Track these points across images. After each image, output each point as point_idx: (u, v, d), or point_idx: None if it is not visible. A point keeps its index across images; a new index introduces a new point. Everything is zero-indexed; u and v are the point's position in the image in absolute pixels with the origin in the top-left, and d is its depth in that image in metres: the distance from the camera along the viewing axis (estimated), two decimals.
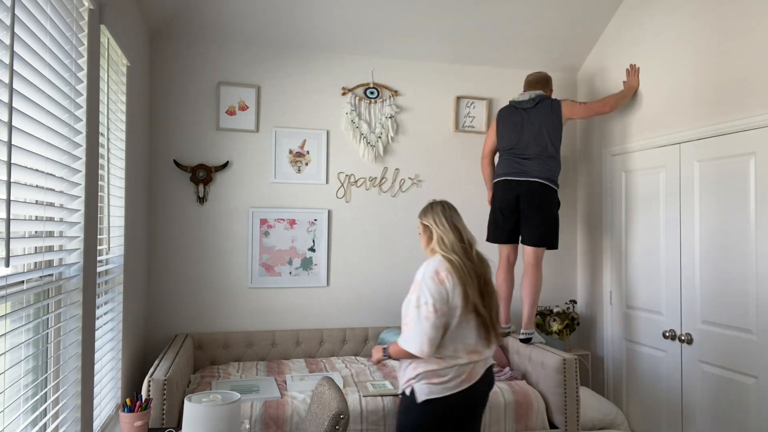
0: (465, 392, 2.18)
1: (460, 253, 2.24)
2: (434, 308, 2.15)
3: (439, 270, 2.21)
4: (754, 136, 2.83)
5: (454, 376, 2.17)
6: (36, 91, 1.56)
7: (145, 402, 2.16)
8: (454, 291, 2.18)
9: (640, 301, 3.60)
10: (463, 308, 2.18)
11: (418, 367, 2.20)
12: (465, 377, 2.18)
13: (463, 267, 2.21)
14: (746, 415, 2.85)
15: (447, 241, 2.28)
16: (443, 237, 2.29)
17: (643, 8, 3.58)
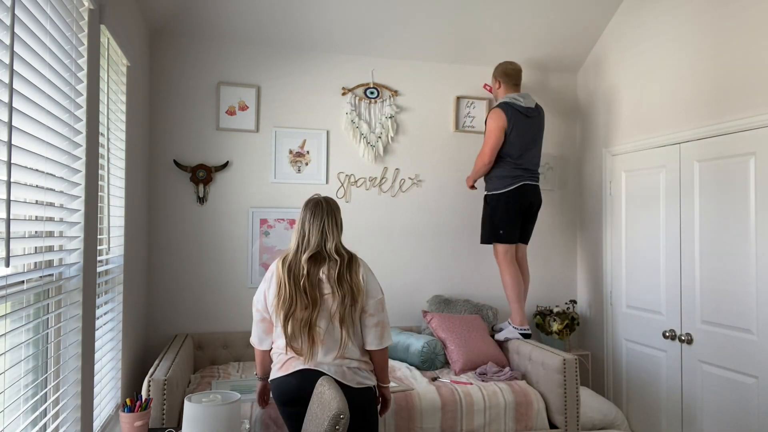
0: (282, 379, 2.29)
1: (287, 259, 2.33)
2: (253, 304, 2.43)
3: (270, 270, 2.41)
4: (754, 136, 2.83)
5: (276, 362, 2.35)
6: (36, 91, 1.56)
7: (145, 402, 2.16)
8: (269, 291, 2.36)
9: (640, 301, 3.60)
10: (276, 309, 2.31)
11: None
12: (281, 366, 2.31)
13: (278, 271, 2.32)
14: (746, 415, 2.85)
15: (289, 246, 2.42)
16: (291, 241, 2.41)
17: (643, 8, 3.58)
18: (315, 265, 2.30)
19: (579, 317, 3.98)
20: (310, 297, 2.25)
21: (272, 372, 2.37)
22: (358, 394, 2.26)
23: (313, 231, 2.33)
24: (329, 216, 2.36)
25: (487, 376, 3.22)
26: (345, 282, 2.27)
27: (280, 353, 2.33)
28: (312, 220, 2.34)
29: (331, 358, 2.26)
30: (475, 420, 2.91)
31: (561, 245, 4.22)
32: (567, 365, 2.96)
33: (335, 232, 2.35)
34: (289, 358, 2.30)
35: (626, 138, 3.74)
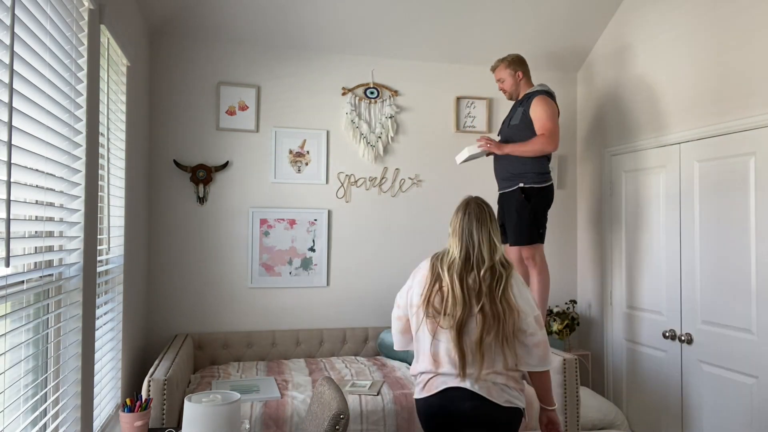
0: (423, 401, 2.13)
1: (453, 269, 2.11)
2: (396, 303, 2.29)
3: (419, 268, 2.24)
4: (754, 136, 2.83)
5: (419, 381, 2.17)
6: (36, 91, 1.56)
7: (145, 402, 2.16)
8: (413, 289, 2.18)
9: (640, 301, 3.60)
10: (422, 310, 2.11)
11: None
12: (423, 386, 2.12)
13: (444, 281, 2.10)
14: (746, 415, 2.85)
15: (449, 254, 2.17)
16: (448, 248, 2.19)
17: (643, 8, 3.58)
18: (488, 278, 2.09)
19: (579, 317, 3.98)
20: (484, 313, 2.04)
21: (416, 391, 2.18)
22: (505, 412, 2.06)
23: (483, 242, 2.12)
24: (493, 222, 2.18)
25: None
26: (506, 301, 2.06)
27: (424, 372, 2.13)
28: (480, 228, 2.14)
29: (479, 377, 2.05)
30: None
31: (561, 245, 4.22)
32: (567, 365, 2.96)
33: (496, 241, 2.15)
34: (431, 377, 2.10)
35: (626, 138, 3.74)
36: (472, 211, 2.17)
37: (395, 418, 2.82)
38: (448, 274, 2.09)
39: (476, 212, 2.17)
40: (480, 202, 2.23)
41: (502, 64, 3.45)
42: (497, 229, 2.19)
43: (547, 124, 3.19)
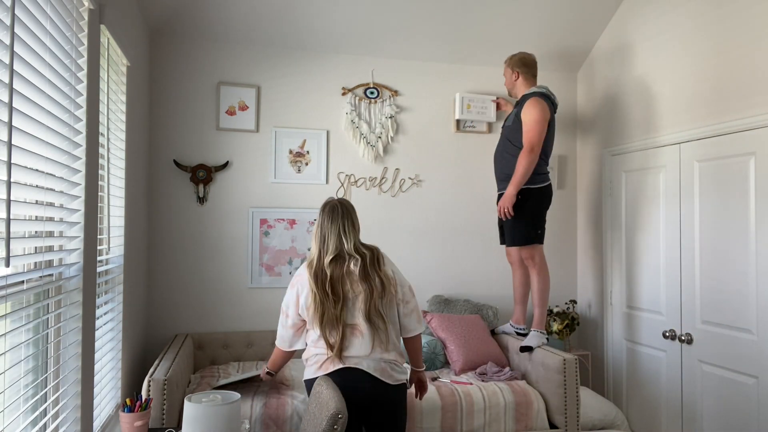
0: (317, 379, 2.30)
1: (312, 265, 2.38)
2: (284, 313, 2.45)
3: (297, 276, 2.44)
4: (754, 136, 2.83)
5: (313, 363, 2.36)
6: (36, 91, 1.56)
7: (145, 402, 2.16)
8: (301, 297, 2.38)
9: (640, 301, 3.60)
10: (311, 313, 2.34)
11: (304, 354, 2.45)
12: (319, 366, 2.33)
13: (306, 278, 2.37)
14: (746, 415, 2.85)
15: (311, 252, 2.45)
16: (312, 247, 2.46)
17: (643, 8, 3.58)
18: (337, 265, 2.36)
19: (579, 317, 3.98)
20: (335, 295, 2.31)
21: (308, 372, 2.38)
22: (394, 391, 2.33)
23: (331, 235, 2.39)
24: (345, 218, 2.42)
25: (487, 376, 3.22)
26: (371, 276, 2.34)
27: (318, 354, 2.34)
28: (330, 224, 2.41)
29: (369, 354, 2.30)
30: (475, 420, 2.91)
31: (561, 245, 4.22)
32: (567, 365, 2.96)
33: (352, 234, 2.42)
34: (327, 358, 2.32)
35: (626, 138, 3.74)
36: (327, 211, 2.44)
37: None
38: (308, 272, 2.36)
39: (329, 212, 2.43)
40: (335, 202, 2.46)
41: (507, 61, 3.51)
42: (351, 224, 2.42)
43: (530, 135, 3.20)
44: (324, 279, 2.32)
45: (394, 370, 2.34)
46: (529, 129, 3.21)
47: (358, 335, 2.30)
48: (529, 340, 3.31)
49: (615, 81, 3.86)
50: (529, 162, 3.18)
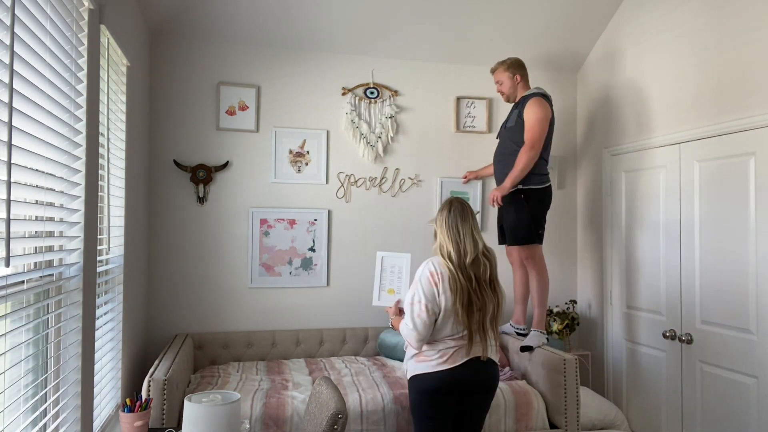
0: (444, 372, 2.39)
1: (454, 261, 2.43)
2: (426, 308, 2.39)
3: (434, 273, 2.43)
4: (754, 136, 2.83)
5: (436, 357, 2.40)
6: (36, 91, 1.56)
7: (145, 402, 2.16)
8: (444, 294, 2.40)
9: (640, 301, 3.60)
10: (449, 310, 2.39)
11: (409, 349, 2.52)
12: (446, 359, 2.39)
13: (453, 275, 2.40)
14: (746, 415, 2.85)
15: (445, 248, 2.47)
16: (442, 244, 2.49)
17: (644, 8, 3.58)
18: (477, 268, 2.45)
19: (579, 317, 3.98)
20: (480, 298, 2.42)
21: (427, 366, 2.41)
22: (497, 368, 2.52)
23: (467, 236, 2.47)
24: (473, 219, 2.52)
25: None
26: (497, 287, 2.49)
27: (445, 348, 2.40)
28: (463, 224, 2.48)
29: (495, 346, 2.49)
30: None
31: (561, 245, 4.22)
32: (567, 365, 2.96)
33: (480, 235, 2.52)
34: (455, 350, 2.40)
35: (626, 138, 3.74)
36: (456, 209, 2.51)
37: (395, 418, 2.82)
38: (453, 268, 2.41)
39: (460, 210, 2.51)
40: (462, 201, 2.56)
41: (502, 67, 3.50)
42: (477, 225, 2.52)
43: (531, 132, 3.25)
44: (470, 279, 2.41)
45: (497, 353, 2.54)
46: (531, 127, 3.26)
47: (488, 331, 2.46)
48: (529, 339, 3.32)
49: (615, 81, 3.86)
50: (529, 158, 3.23)
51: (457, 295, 2.37)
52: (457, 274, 2.39)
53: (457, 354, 2.40)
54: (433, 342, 2.43)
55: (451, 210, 2.50)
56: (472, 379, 2.42)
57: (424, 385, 2.41)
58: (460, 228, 2.47)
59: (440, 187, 3.98)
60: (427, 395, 2.41)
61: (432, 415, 2.42)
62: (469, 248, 2.44)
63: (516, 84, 3.47)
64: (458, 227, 2.47)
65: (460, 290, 2.37)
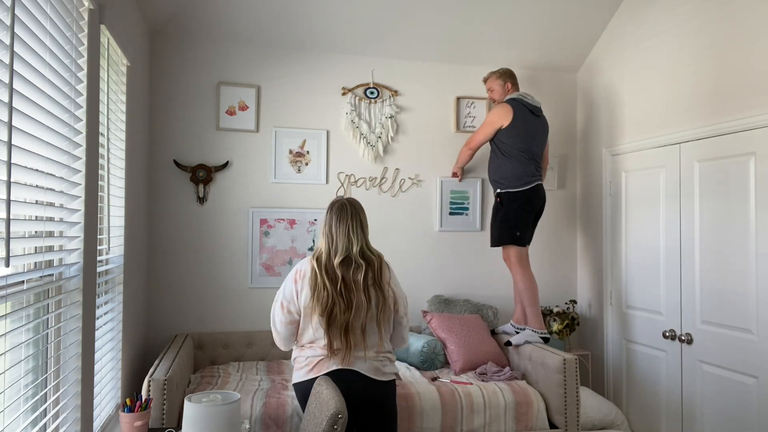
0: (311, 382, 2.30)
1: (321, 262, 2.35)
2: (281, 305, 2.37)
3: (299, 271, 2.39)
4: (754, 136, 2.83)
5: (305, 365, 2.35)
6: (36, 91, 1.56)
7: (145, 402, 2.16)
8: (302, 293, 2.34)
9: (640, 301, 3.60)
10: (308, 310, 2.32)
11: (293, 354, 2.45)
12: (311, 368, 2.32)
13: (315, 274, 2.32)
14: (746, 415, 2.85)
15: (317, 249, 2.42)
16: (318, 245, 2.45)
17: (643, 8, 3.58)
18: (347, 269, 2.35)
19: (579, 317, 3.98)
20: (347, 300, 2.30)
21: (298, 375, 2.36)
22: (384, 386, 2.36)
23: (339, 235, 2.38)
24: (354, 219, 2.41)
25: (487, 376, 3.22)
26: (376, 288, 2.36)
27: (312, 356, 2.33)
28: (338, 224, 2.39)
29: (364, 356, 2.33)
30: (475, 420, 2.91)
31: (561, 245, 4.22)
32: (567, 365, 2.96)
33: (360, 235, 2.40)
34: (320, 360, 2.31)
35: (626, 138, 3.74)
36: (335, 210, 2.42)
37: None
38: (317, 268, 2.33)
39: (338, 210, 2.42)
40: (344, 201, 2.46)
41: (494, 76, 3.67)
42: (359, 225, 2.41)
43: (478, 130, 3.62)
44: (336, 280, 2.31)
45: (385, 366, 2.37)
46: (480, 126, 3.60)
47: (357, 339, 2.31)
48: (517, 336, 3.41)
49: (615, 81, 3.86)
50: (461, 153, 3.79)
51: (314, 295, 2.28)
52: (321, 274, 2.30)
53: (322, 363, 2.30)
54: (303, 347, 2.36)
55: (331, 209, 2.43)
56: (344, 393, 2.22)
57: (300, 396, 2.36)
58: (333, 227, 2.39)
59: (440, 187, 3.98)
60: (305, 403, 2.33)
61: None
62: (340, 247, 2.35)
63: (507, 92, 3.63)
64: (332, 227, 2.39)
65: (318, 290, 2.28)
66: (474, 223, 4.04)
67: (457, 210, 4.03)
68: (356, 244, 2.37)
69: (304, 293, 2.33)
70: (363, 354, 2.32)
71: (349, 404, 2.25)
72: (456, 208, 4.02)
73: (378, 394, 2.33)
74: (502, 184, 3.46)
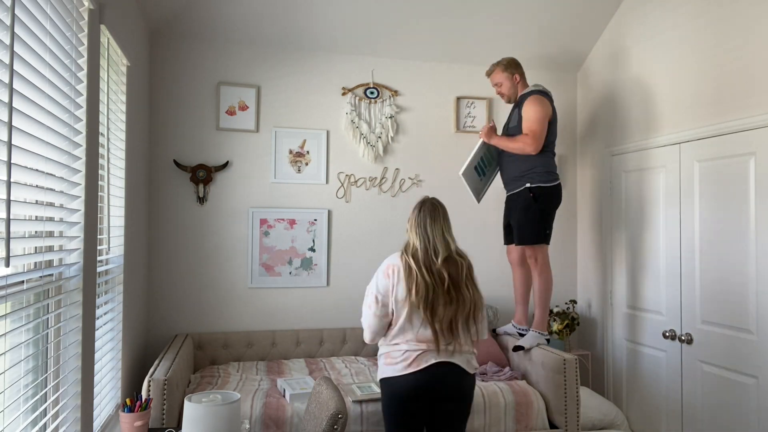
0: (409, 376, 2.32)
1: (418, 259, 2.39)
2: (375, 299, 2.40)
3: (391, 266, 2.43)
4: (754, 136, 2.83)
5: (401, 360, 2.35)
6: (36, 91, 1.56)
7: (145, 402, 2.16)
8: (398, 287, 2.37)
9: (640, 301, 3.60)
10: (408, 304, 2.34)
11: (380, 349, 2.47)
12: (410, 363, 2.33)
13: (413, 270, 2.36)
14: (746, 415, 2.85)
15: (411, 246, 2.46)
16: (409, 242, 2.48)
17: (644, 8, 3.58)
18: (451, 267, 2.41)
19: (579, 317, 3.98)
20: (451, 296, 2.36)
21: (395, 369, 2.35)
22: (473, 378, 2.44)
23: (437, 235, 2.45)
24: (446, 221, 2.51)
25: (487, 376, 3.22)
26: (470, 288, 2.43)
27: (410, 350, 2.34)
28: (433, 223, 2.47)
29: (461, 350, 2.38)
30: (475, 420, 2.91)
31: (561, 245, 4.22)
32: (567, 365, 2.96)
33: (452, 236, 2.51)
34: (419, 354, 2.33)
35: (626, 138, 3.74)
36: (426, 209, 2.51)
37: None
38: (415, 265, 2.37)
39: (430, 210, 2.50)
40: (434, 201, 2.55)
41: (498, 68, 3.45)
42: (449, 226, 2.51)
43: (533, 126, 3.19)
44: (441, 277, 2.36)
45: (471, 361, 2.43)
46: (531, 123, 3.20)
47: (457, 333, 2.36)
48: (524, 339, 3.32)
49: (615, 81, 3.86)
50: (524, 145, 3.19)
51: (417, 290, 2.32)
52: (422, 271, 2.35)
53: (421, 357, 2.32)
54: (398, 342, 2.38)
55: (421, 210, 2.51)
56: (439, 386, 2.34)
57: (392, 390, 2.37)
58: (428, 227, 2.46)
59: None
60: (395, 400, 2.37)
61: (400, 421, 2.37)
62: (440, 247, 2.42)
63: (516, 83, 3.42)
64: (426, 226, 2.46)
65: (418, 285, 2.32)
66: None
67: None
68: (452, 243, 2.48)
69: (400, 287, 2.36)
70: (460, 348, 2.38)
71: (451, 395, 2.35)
72: None
73: (469, 386, 2.42)
74: (532, 179, 3.23)
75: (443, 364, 2.34)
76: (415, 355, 2.33)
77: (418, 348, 2.33)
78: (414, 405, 2.34)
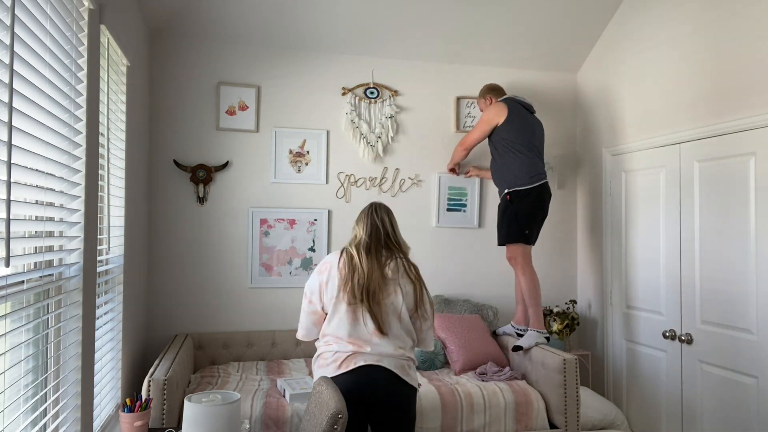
0: (336, 379, 2.25)
1: (360, 247, 2.38)
2: (305, 295, 2.41)
3: (327, 263, 2.41)
4: (754, 136, 2.83)
5: (331, 361, 2.30)
6: (36, 91, 1.56)
7: (145, 402, 2.16)
8: (330, 283, 2.35)
9: (640, 301, 3.60)
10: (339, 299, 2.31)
11: (317, 350, 2.41)
12: (339, 363, 2.27)
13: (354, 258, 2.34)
14: (746, 415, 2.85)
15: (356, 238, 2.45)
16: (354, 234, 2.48)
17: (644, 8, 3.58)
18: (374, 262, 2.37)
19: (579, 317, 3.98)
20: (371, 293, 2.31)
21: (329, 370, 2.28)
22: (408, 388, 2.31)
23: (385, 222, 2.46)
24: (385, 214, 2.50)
25: (487, 376, 3.22)
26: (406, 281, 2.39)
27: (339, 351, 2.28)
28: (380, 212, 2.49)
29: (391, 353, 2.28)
30: (475, 420, 2.91)
31: (561, 245, 4.22)
32: (567, 365, 2.96)
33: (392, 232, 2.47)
34: (349, 355, 2.26)
35: (626, 138, 3.74)
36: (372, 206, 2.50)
37: None
38: (356, 252, 2.36)
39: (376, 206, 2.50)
40: (379, 202, 2.54)
41: (479, 98, 3.80)
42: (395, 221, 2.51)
43: (474, 129, 3.61)
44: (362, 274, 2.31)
45: (411, 368, 2.34)
46: (476, 125, 3.60)
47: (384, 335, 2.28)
48: (523, 339, 3.34)
49: (615, 81, 3.86)
50: (455, 153, 3.79)
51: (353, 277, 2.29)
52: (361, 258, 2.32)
53: (350, 358, 2.25)
54: (329, 341, 2.31)
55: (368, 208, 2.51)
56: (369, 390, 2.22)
57: None
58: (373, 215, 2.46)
59: (438, 183, 3.98)
60: None
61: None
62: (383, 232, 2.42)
63: (488, 105, 3.69)
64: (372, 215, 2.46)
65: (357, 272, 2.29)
66: (472, 219, 4.04)
67: (454, 206, 4.02)
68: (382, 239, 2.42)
69: (332, 284, 2.34)
70: (389, 351, 2.27)
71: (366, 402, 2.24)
72: (453, 204, 4.02)
73: (400, 394, 2.28)
74: (509, 183, 3.41)
75: (372, 368, 2.24)
76: (345, 356, 2.26)
77: (347, 350, 2.26)
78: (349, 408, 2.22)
